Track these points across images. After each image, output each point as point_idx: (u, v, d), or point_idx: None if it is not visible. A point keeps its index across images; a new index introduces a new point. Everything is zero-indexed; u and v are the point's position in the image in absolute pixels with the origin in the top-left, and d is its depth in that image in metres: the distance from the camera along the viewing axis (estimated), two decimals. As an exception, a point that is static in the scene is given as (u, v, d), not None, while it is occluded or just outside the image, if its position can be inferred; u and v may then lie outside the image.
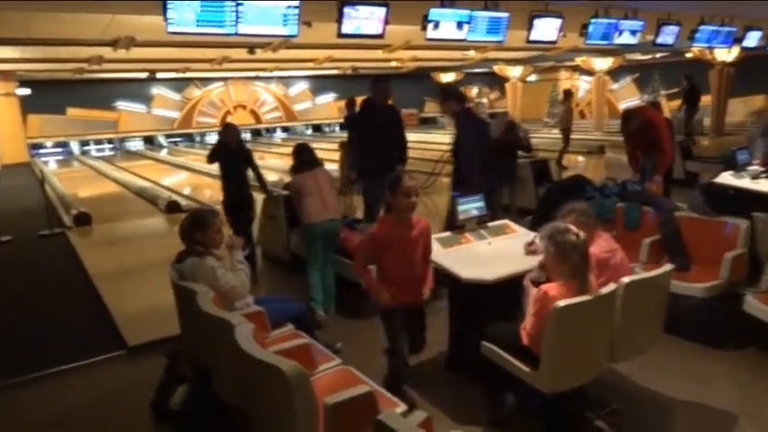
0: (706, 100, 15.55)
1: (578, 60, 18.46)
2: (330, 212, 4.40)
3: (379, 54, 12.94)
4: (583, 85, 24.45)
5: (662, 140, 5.66)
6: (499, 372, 2.76)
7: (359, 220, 5.31)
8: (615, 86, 23.23)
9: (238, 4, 5.30)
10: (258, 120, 24.08)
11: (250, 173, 5.62)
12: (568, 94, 12.95)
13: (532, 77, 23.46)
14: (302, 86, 24.74)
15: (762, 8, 9.77)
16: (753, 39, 10.68)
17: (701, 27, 9.50)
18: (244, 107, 23.82)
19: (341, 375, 2.69)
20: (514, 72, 20.78)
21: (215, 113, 23.11)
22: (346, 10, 5.88)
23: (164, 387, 3.22)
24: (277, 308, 3.35)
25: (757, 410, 3.02)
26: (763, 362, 3.46)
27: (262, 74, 21.17)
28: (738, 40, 10.58)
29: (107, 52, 10.25)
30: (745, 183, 4.92)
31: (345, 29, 6.03)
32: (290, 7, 5.67)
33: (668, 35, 9.01)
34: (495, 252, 3.32)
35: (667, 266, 2.88)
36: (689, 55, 16.15)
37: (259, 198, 5.93)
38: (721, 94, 15.63)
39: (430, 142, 15.94)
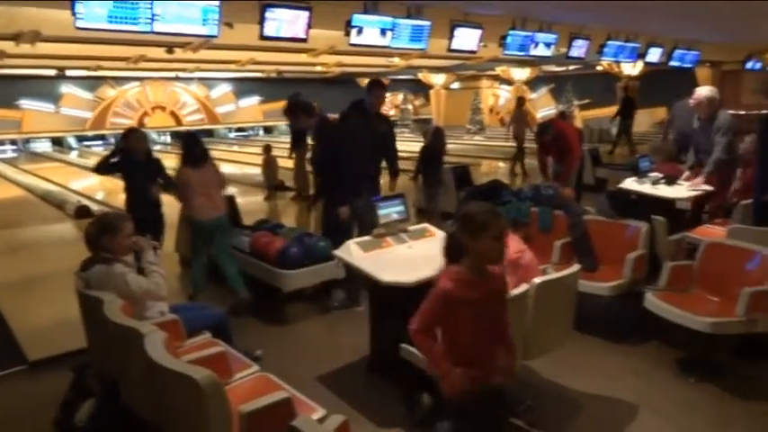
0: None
1: (498, 70, 19.15)
2: (218, 210, 4.56)
3: (303, 58, 12.84)
4: (503, 94, 25.38)
5: (572, 150, 6.04)
6: (416, 373, 2.80)
7: (281, 225, 5.23)
8: (533, 96, 24.27)
9: (153, 2, 5.10)
10: (179, 122, 23.23)
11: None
12: (521, 101, 12.99)
13: (455, 85, 24.11)
14: (225, 88, 24.12)
15: (661, 27, 10.55)
16: (654, 54, 11.48)
17: (609, 42, 10.12)
18: (163, 108, 22.90)
19: (259, 382, 2.64)
20: (438, 79, 21.27)
21: (131, 114, 22.07)
22: (268, 12, 5.80)
23: (68, 403, 3.02)
24: (194, 315, 3.24)
25: (658, 400, 3.23)
26: (663, 354, 3.70)
27: (182, 74, 20.46)
28: (642, 56, 11.35)
29: (9, 47, 9.56)
30: (646, 188, 5.27)
31: (267, 31, 5.94)
32: (209, 7, 5.53)
33: (579, 48, 9.52)
34: (415, 255, 3.37)
35: (575, 267, 3.03)
36: (599, 68, 17.13)
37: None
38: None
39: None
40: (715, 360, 3.50)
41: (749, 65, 14.76)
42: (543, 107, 23.83)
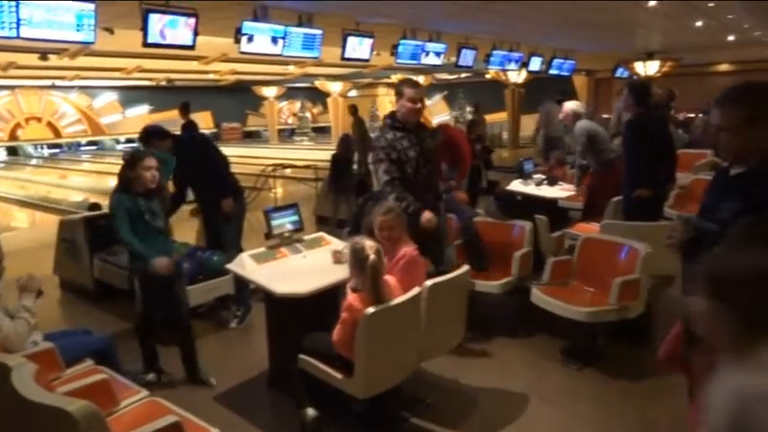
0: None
1: (394, 78, 19.54)
2: None
3: (194, 65, 12.41)
4: (399, 101, 25.95)
5: (461, 154, 6.30)
6: (307, 384, 2.79)
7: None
8: (428, 103, 25.03)
9: (19, 5, 4.71)
10: (58, 134, 21.57)
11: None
12: (355, 109, 12.51)
13: (353, 93, 24.31)
14: (110, 97, 22.71)
15: (540, 38, 11.30)
16: (536, 63, 12.27)
17: (494, 52, 10.68)
18: (38, 119, 21.14)
19: (148, 408, 2.50)
20: (335, 87, 21.34)
21: (1, 126, 20.20)
22: (152, 18, 5.54)
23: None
24: (73, 342, 3.02)
25: (546, 389, 3.43)
26: (550, 345, 3.94)
27: (59, 82, 19.01)
28: (525, 64, 12.08)
29: None
30: (530, 189, 5.61)
31: (152, 38, 5.67)
32: (84, 11, 5.19)
33: (467, 58, 9.96)
34: (310, 265, 3.35)
35: (465, 267, 3.15)
36: (488, 76, 18.00)
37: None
38: (515, 111, 17.70)
39: (253, 156, 15.66)
40: (594, 347, 3.78)
41: (618, 72, 16.14)
42: (438, 113, 24.66)
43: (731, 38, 12.08)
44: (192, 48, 6.04)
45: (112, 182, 5.62)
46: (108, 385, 2.46)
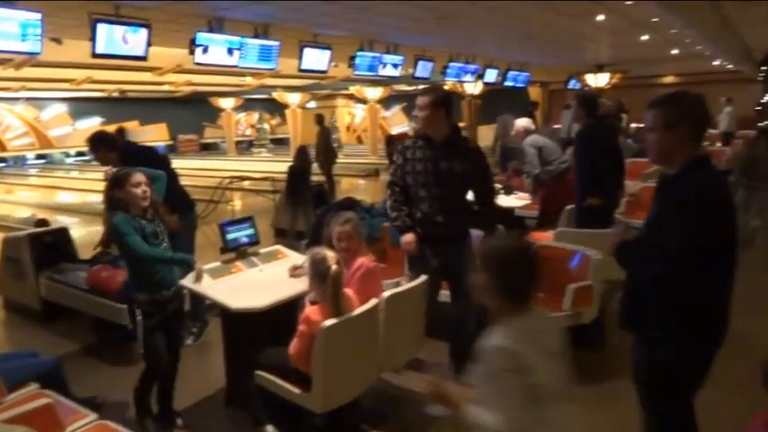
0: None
1: (352, 89, 19.61)
2: None
3: (148, 77, 12.16)
4: (359, 112, 26.03)
5: None
6: (266, 401, 2.74)
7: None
8: (387, 114, 25.19)
9: (-42, 14, 4.53)
10: (2, 147, 20.72)
11: None
12: (321, 118, 11.91)
13: (311, 104, 24.26)
14: (59, 109, 21.95)
15: (496, 51, 11.55)
16: (491, 75, 12.53)
17: (451, 64, 10.86)
18: (-19, 132, 20.30)
19: (97, 432, 2.41)
20: (293, 99, 21.25)
21: (-58, 139, 19.33)
22: (100, 28, 5.41)
23: None
24: (16, 366, 2.89)
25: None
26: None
27: (4, 94, 18.30)
28: (481, 76, 12.32)
29: None
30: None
31: (101, 49, 5.54)
32: (29, 21, 5.03)
33: (424, 69, 10.09)
34: (266, 279, 3.31)
35: (422, 277, 3.17)
36: (446, 87, 18.26)
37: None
38: (472, 121, 17.99)
39: (211, 169, 15.43)
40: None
41: (571, 84, 16.64)
42: (397, 124, 24.82)
43: (675, 51, 12.63)
44: (144, 59, 5.93)
45: (63, 196, 5.37)
46: (52, 410, 2.36)
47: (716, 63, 15.02)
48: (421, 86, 20.94)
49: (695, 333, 2.03)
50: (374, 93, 19.59)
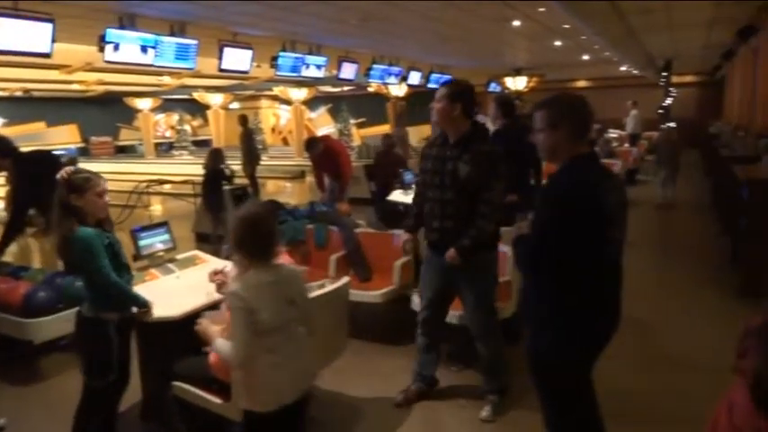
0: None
1: (276, 90, 19.34)
2: None
3: (55, 75, 11.44)
4: (284, 114, 25.69)
5: (341, 165, 6.40)
6: (176, 414, 2.65)
7: (26, 268, 4.54)
8: (312, 115, 25.02)
9: None
10: None
11: None
12: (244, 120, 11.77)
13: (235, 105, 23.70)
14: (-44, 109, 20.28)
15: (419, 54, 11.74)
16: (415, 77, 12.73)
17: (374, 66, 10.94)
18: None
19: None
20: (215, 99, 20.69)
21: None
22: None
23: None
24: None
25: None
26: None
27: None
28: (404, 78, 12.49)
29: None
30: (410, 199, 5.75)
31: (1, 44, 5.17)
32: None
33: (348, 71, 10.11)
34: (183, 285, 3.19)
35: (345, 279, 3.16)
36: (371, 89, 18.36)
37: None
38: (397, 123, 18.18)
39: (127, 172, 14.72)
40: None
41: (491, 87, 17.19)
42: (323, 126, 24.71)
43: (586, 57, 13.33)
44: (48, 56, 5.58)
45: None
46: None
47: (623, 69, 16.00)
48: (346, 87, 20.90)
49: (573, 325, 2.13)
50: (299, 94, 19.42)
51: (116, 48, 6.15)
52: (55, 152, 5.38)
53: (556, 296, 2.13)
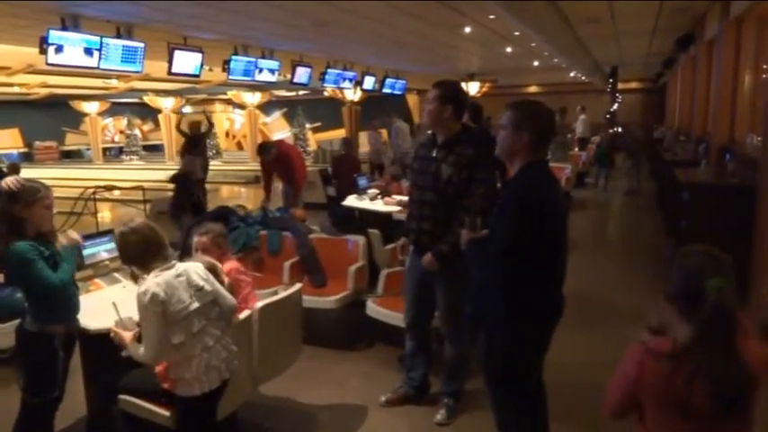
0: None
1: (230, 94, 19.04)
2: None
3: (-5, 77, 10.94)
4: (238, 118, 25.30)
5: (295, 170, 6.39)
6: (137, 425, 2.57)
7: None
8: (267, 119, 24.73)
9: None
10: None
11: None
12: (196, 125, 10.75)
13: (187, 109, 23.20)
14: None
15: (372, 59, 11.78)
16: (369, 82, 12.76)
17: (329, 70, 10.90)
18: None
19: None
20: (167, 103, 20.21)
21: None
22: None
23: None
24: None
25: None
26: (387, 355, 4.06)
27: None
28: (359, 83, 12.50)
29: None
30: (364, 204, 5.78)
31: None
32: None
33: (302, 75, 10.04)
34: (130, 296, 3.09)
35: (297, 285, 3.14)
36: (326, 93, 18.29)
37: None
38: (352, 127, 18.18)
39: (73, 178, 14.20)
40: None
41: (445, 92, 17.38)
42: (278, 130, 24.47)
43: (536, 63, 13.67)
44: (-15, 57, 5.33)
45: None
46: None
47: (572, 75, 16.48)
48: (301, 92, 20.74)
49: (528, 325, 2.20)
50: (253, 98, 19.18)
51: (59, 49, 5.92)
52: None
53: (511, 298, 2.17)
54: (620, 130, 15.17)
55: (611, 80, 16.75)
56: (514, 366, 2.24)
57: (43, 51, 5.83)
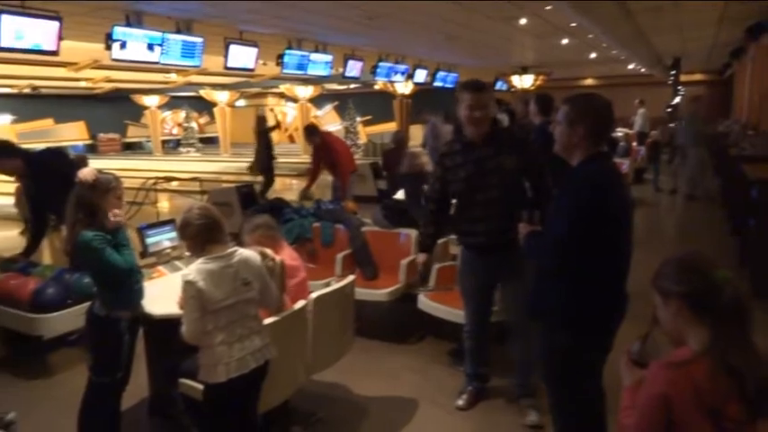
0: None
1: (282, 88, 19.36)
2: None
3: (63, 72, 11.50)
4: (290, 111, 25.70)
5: (338, 162, 6.59)
6: (191, 409, 2.66)
7: (34, 264, 4.56)
8: (319, 113, 25.01)
9: None
10: None
11: None
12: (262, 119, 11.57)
13: (241, 102, 23.74)
14: (-36, 106, 20.40)
15: (425, 52, 11.72)
16: (421, 75, 12.70)
17: (380, 63, 10.91)
18: None
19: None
20: (222, 97, 20.73)
21: None
22: (5, 20, 5.07)
23: None
24: None
25: (433, 392, 3.52)
26: (437, 349, 4.06)
27: None
28: (410, 76, 12.46)
29: None
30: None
31: (6, 42, 5.19)
32: (-77, 11, 4.65)
33: (354, 69, 10.10)
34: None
35: (350, 277, 3.17)
36: (377, 87, 18.35)
37: None
38: (403, 121, 18.17)
39: (135, 169, 14.77)
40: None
41: (498, 85, 17.13)
42: (329, 123, 24.71)
43: (593, 55, 13.26)
44: (55, 54, 5.60)
45: None
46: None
47: (630, 67, 15.91)
48: (352, 85, 20.90)
49: (591, 318, 2.14)
50: (305, 91, 19.43)
51: (123, 45, 6.17)
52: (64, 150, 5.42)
53: (572, 296, 2.13)
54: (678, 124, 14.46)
55: (672, 72, 16.07)
56: (573, 365, 2.19)
57: (108, 47, 6.08)
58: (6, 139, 4.37)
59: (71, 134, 22.43)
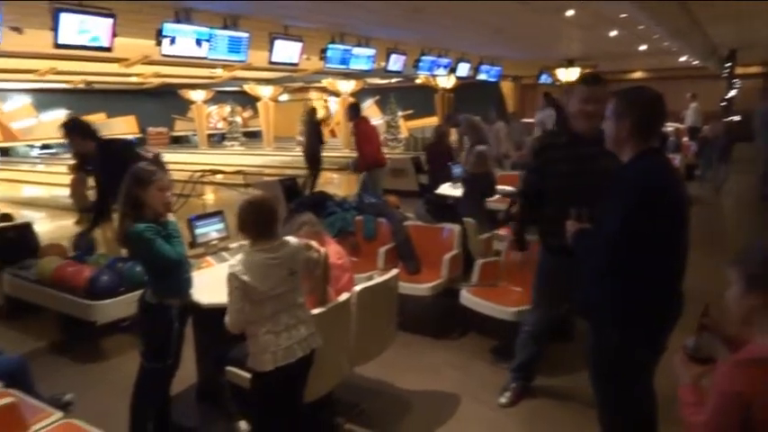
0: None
1: (325, 82, 19.47)
2: None
3: (115, 68, 11.87)
4: (332, 105, 25.84)
5: (361, 148, 7.54)
6: (237, 397, 2.72)
7: (90, 252, 4.75)
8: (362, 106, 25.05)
9: None
10: (-37, 140, 20.04)
11: None
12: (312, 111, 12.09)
13: (284, 97, 24.01)
14: (23, 101, 21.27)
15: (468, 46, 11.59)
16: (464, 69, 12.56)
17: (423, 57, 10.86)
18: (-60, 125, 19.57)
19: (63, 431, 2.36)
20: (265, 91, 21.01)
21: None
22: (63, 18, 5.27)
23: None
24: (-20, 365, 2.81)
25: (475, 388, 3.50)
26: (480, 345, 4.04)
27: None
28: (453, 70, 12.35)
29: None
30: (458, 193, 5.72)
31: (64, 39, 5.40)
32: (-13, 9, 4.87)
33: (396, 63, 10.08)
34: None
35: (394, 271, 3.18)
36: (418, 81, 18.26)
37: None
38: (445, 115, 18.02)
39: (182, 162, 15.15)
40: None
41: (542, 79, 16.80)
42: (370, 117, 24.64)
43: (643, 47, 12.84)
44: (108, 50, 5.79)
45: (28, 190, 5.05)
46: (17, 409, 2.30)
47: (682, 59, 15.34)
48: (394, 79, 20.78)
49: (642, 317, 2.08)
50: (347, 86, 19.47)
51: (172, 41, 6.32)
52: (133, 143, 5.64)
53: (622, 294, 2.08)
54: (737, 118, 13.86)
55: (727, 64, 15.42)
56: (621, 364, 2.14)
57: (159, 43, 6.24)
58: (87, 121, 4.55)
59: (122, 128, 23.14)
